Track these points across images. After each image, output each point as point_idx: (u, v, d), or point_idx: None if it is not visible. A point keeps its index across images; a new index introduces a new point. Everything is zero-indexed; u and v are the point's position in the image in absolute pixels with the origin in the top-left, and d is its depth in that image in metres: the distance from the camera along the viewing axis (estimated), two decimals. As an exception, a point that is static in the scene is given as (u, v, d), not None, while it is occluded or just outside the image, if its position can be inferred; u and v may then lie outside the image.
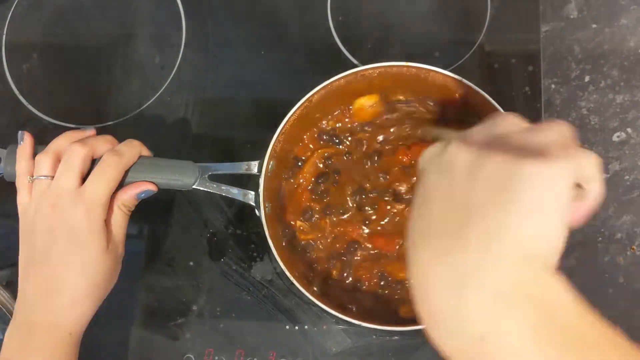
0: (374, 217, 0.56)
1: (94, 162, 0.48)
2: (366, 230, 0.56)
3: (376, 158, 0.57)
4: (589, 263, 0.58)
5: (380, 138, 0.58)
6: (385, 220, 0.56)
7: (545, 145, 0.31)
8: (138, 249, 0.61)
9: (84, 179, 0.47)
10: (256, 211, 0.53)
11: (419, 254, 0.32)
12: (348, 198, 0.56)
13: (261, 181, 0.53)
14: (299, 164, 0.58)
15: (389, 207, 0.56)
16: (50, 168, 0.47)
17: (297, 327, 0.58)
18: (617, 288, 0.57)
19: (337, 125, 0.58)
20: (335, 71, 0.54)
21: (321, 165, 0.58)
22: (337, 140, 0.58)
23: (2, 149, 0.51)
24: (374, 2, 0.67)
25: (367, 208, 0.56)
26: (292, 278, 0.50)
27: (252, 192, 0.53)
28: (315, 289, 0.54)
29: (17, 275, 0.48)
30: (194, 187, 0.52)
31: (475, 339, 0.28)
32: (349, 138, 0.58)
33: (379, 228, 0.56)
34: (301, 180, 0.57)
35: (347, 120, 0.58)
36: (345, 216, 0.56)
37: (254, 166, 0.54)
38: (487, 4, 0.65)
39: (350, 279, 0.55)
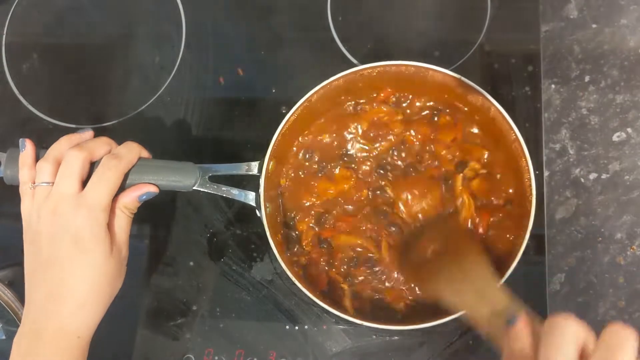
0: None
1: (93, 165, 0.48)
2: None
3: None
4: (589, 263, 0.58)
5: None
6: None
7: None
8: (138, 250, 0.61)
9: (84, 183, 0.47)
10: (257, 212, 0.53)
11: None
12: None
13: (262, 182, 0.53)
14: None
15: None
16: (50, 174, 0.47)
17: (297, 327, 0.58)
18: (617, 288, 0.57)
19: None
20: (335, 71, 0.54)
21: None
22: None
23: (2, 152, 0.51)
24: (374, 2, 0.67)
25: None
26: (293, 278, 0.50)
27: (253, 193, 0.53)
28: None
29: (20, 274, 0.48)
30: (194, 188, 0.52)
31: None
32: None
33: None
34: None
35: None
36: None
37: (254, 167, 0.54)
38: (487, 4, 0.64)
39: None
